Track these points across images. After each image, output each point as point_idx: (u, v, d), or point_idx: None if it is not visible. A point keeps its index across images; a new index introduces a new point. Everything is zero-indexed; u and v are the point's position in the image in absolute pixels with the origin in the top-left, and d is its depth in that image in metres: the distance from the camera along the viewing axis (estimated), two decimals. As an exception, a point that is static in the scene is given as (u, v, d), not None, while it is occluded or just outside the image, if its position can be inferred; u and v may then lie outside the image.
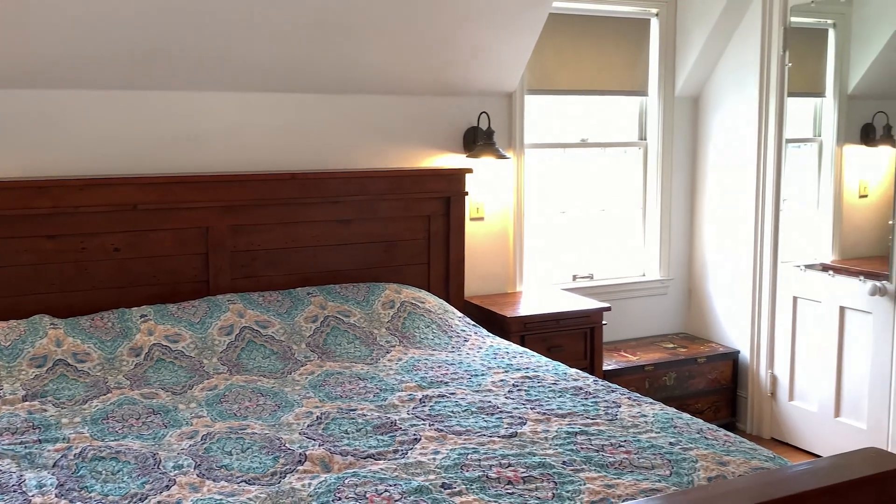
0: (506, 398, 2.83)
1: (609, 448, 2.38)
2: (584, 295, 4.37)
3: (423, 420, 2.63)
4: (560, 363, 3.26)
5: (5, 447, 2.40)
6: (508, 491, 2.13)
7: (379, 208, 3.91)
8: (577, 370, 3.17)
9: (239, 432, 2.52)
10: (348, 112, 3.92)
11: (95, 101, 3.44)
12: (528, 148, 4.38)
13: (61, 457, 2.35)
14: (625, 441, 2.44)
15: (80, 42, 3.20)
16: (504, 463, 2.28)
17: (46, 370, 2.95)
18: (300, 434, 2.51)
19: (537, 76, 4.37)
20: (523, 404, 2.77)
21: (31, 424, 2.57)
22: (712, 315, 4.76)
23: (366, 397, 2.85)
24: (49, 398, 2.79)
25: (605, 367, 4.16)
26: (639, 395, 2.88)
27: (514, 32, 3.88)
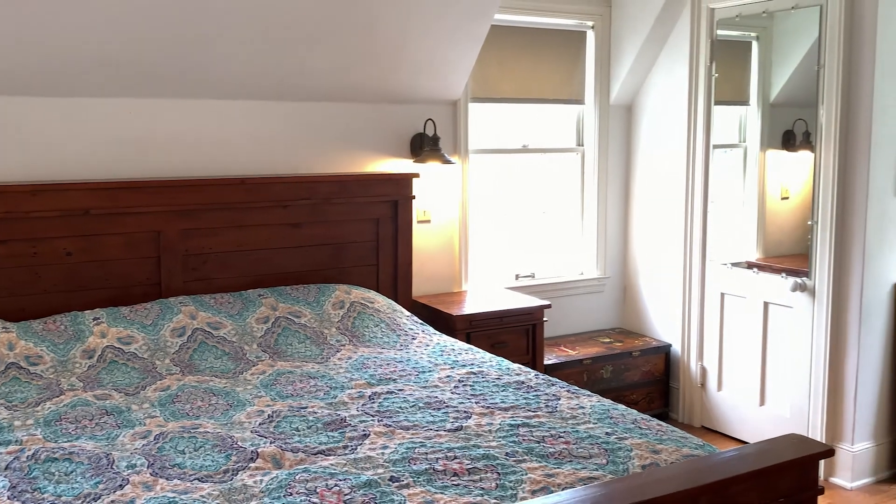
0: (452, 393, 2.84)
1: (549, 439, 2.41)
2: (527, 293, 4.39)
3: (372, 416, 2.62)
4: (503, 359, 3.28)
5: (-44, 451, 2.33)
6: (454, 482, 2.13)
7: (328, 212, 3.88)
8: (520, 365, 3.19)
9: (192, 431, 2.48)
10: (298, 119, 3.88)
11: (47, 107, 3.35)
12: (473, 153, 4.39)
13: (13, 459, 2.28)
14: (564, 432, 2.46)
15: (31, 50, 3.11)
16: (450, 455, 2.28)
17: (-2, 374, 2.86)
18: (252, 432, 2.48)
19: (481, 85, 4.39)
20: (468, 399, 2.78)
21: (-18, 428, 2.50)
22: (646, 311, 4.84)
23: (316, 395, 2.83)
24: (1, 401, 2.71)
25: (546, 362, 4.19)
26: (577, 387, 2.91)
27: (458, 43, 3.89)
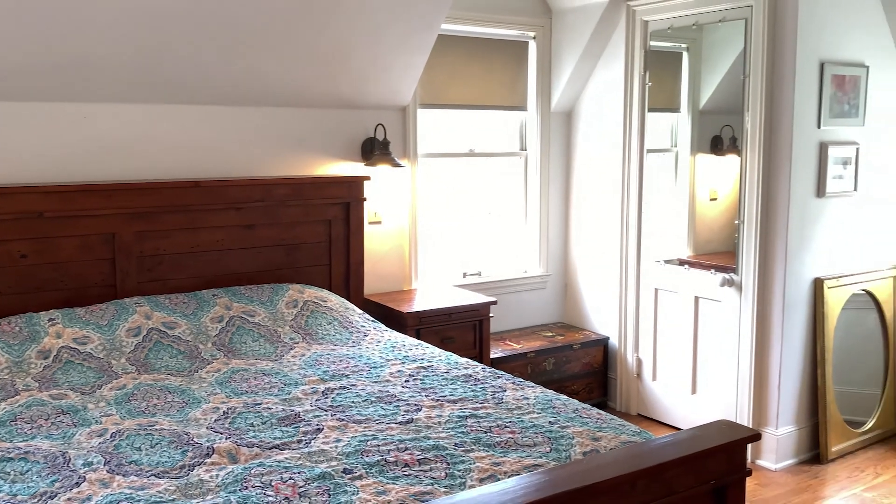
0: (402, 387, 2.83)
1: (496, 429, 2.42)
2: (473, 290, 4.41)
3: (326, 411, 2.60)
4: (452, 353, 3.28)
5: None
6: (405, 473, 2.13)
7: (282, 214, 3.83)
8: (468, 359, 3.19)
9: (148, 429, 2.43)
10: (252, 123, 3.83)
11: (-1, 111, 3.26)
12: (422, 157, 4.39)
13: (-32, 460, 2.20)
14: (510, 422, 2.48)
15: (-18, 54, 3.02)
16: (401, 447, 2.28)
17: (-49, 375, 2.76)
18: (207, 428, 2.44)
19: (429, 91, 4.39)
20: (419, 392, 2.77)
21: (-65, 429, 2.41)
22: (585, 306, 4.89)
23: (270, 392, 2.79)
24: (-46, 403, 2.61)
25: (492, 356, 4.21)
26: (522, 379, 2.92)
27: (406, 51, 3.88)
